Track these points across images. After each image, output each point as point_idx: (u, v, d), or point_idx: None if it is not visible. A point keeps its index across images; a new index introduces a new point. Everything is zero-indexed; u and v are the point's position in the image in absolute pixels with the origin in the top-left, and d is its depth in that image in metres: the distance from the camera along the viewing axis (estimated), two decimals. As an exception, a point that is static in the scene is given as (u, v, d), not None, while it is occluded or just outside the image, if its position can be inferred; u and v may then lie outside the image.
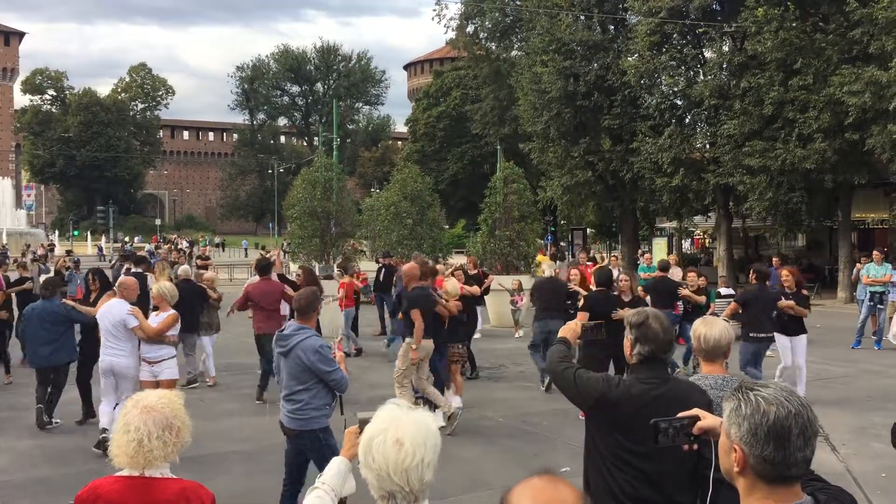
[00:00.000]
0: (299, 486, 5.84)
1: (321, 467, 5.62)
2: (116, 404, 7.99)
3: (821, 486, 2.09)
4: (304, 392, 5.65)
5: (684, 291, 12.22)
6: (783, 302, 10.50)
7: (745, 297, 10.83)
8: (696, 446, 2.60)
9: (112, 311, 8.19)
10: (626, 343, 3.45)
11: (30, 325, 9.13)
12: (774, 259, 20.69)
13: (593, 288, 10.54)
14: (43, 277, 15.08)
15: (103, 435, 7.80)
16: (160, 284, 8.76)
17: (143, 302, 10.16)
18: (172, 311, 8.29)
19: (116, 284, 9.09)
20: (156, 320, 8.22)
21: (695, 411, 2.59)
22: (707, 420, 2.55)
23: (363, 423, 2.27)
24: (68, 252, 58.49)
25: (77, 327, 9.43)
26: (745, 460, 1.92)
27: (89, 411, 9.34)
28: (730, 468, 2.00)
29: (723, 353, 3.71)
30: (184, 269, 12.84)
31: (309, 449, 5.74)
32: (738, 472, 1.96)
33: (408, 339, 9.00)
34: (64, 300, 9.48)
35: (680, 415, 2.58)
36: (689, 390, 3.37)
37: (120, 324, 8.09)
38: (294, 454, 5.86)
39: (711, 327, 3.70)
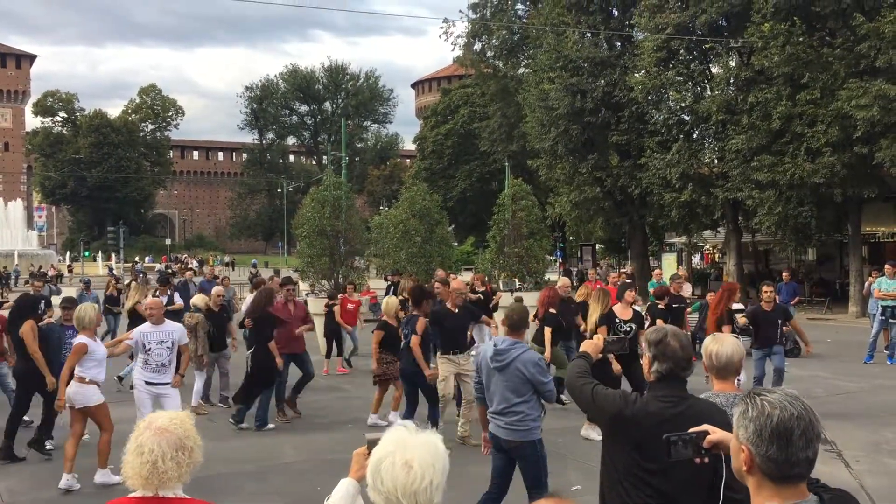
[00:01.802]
0: (502, 497, 5.94)
1: (534, 477, 5.74)
2: None
3: (825, 488, 2.20)
4: (523, 404, 5.77)
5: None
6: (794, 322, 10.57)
7: (755, 312, 10.84)
8: (706, 459, 2.67)
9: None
10: (645, 360, 3.44)
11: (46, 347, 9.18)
12: (784, 273, 20.58)
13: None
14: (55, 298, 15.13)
15: None
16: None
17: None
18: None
19: (144, 307, 9.15)
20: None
21: (705, 426, 2.68)
22: (716, 434, 2.65)
23: (371, 445, 2.27)
24: (69, 268, 58.83)
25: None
26: (752, 460, 2.05)
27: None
28: (739, 468, 2.13)
29: (735, 370, 3.69)
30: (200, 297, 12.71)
31: (526, 459, 5.83)
32: (746, 472, 2.09)
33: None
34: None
35: (691, 430, 2.67)
36: (709, 410, 3.31)
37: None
38: (504, 466, 5.94)
39: (723, 344, 3.68)
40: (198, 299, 11.38)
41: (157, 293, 13.82)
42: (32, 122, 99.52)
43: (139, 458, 2.62)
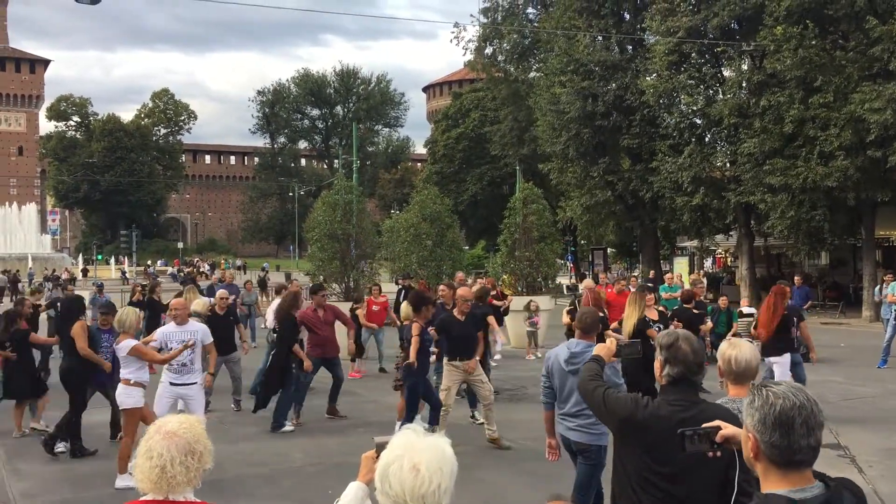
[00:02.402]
0: (602, 497, 5.96)
1: (586, 480, 5.77)
2: None
3: (831, 476, 2.29)
4: None
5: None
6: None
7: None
8: (719, 454, 2.75)
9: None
10: (657, 364, 3.43)
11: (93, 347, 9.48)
12: (797, 278, 20.48)
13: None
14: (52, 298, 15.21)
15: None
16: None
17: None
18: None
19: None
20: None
21: (717, 422, 2.79)
22: (729, 429, 2.76)
23: (380, 448, 2.27)
24: (84, 272, 59.21)
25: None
26: (758, 446, 2.20)
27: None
28: (748, 455, 2.26)
29: (752, 375, 3.67)
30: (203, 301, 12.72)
31: (589, 461, 5.85)
32: (753, 458, 2.23)
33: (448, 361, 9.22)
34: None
35: (704, 425, 2.77)
36: (721, 415, 3.25)
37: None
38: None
39: (740, 349, 3.66)
40: (197, 305, 11.36)
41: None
42: (46, 126, 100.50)
43: (148, 462, 2.63)
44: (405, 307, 10.51)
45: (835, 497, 2.17)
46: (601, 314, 10.24)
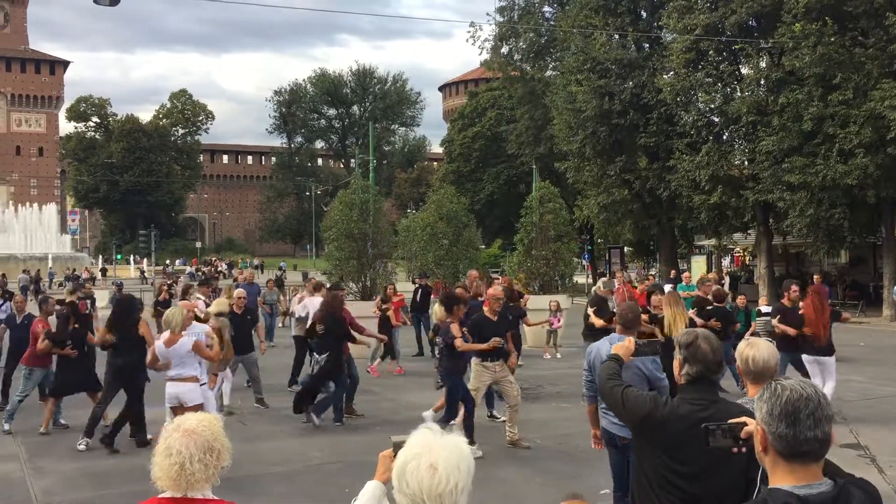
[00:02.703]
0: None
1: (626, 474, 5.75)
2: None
3: (840, 474, 2.33)
4: None
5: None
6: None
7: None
8: (744, 449, 2.74)
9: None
10: (675, 363, 3.43)
11: None
12: (816, 276, 20.33)
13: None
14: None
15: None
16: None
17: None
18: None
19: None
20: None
21: (743, 418, 2.79)
22: (752, 422, 2.74)
23: (397, 447, 2.28)
24: (103, 271, 59.69)
25: None
26: (766, 438, 2.22)
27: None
28: (758, 448, 2.29)
29: (771, 374, 3.66)
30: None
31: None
32: (762, 451, 2.26)
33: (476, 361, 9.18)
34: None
35: (730, 420, 2.78)
36: (740, 413, 3.28)
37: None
38: (620, 462, 5.95)
39: (758, 349, 3.65)
40: (218, 304, 11.44)
41: (198, 295, 14.06)
42: (66, 127, 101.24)
43: (168, 459, 2.66)
44: (438, 308, 10.49)
45: (843, 495, 2.18)
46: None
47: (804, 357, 10.40)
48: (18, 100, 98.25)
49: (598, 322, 11.43)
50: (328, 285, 13.74)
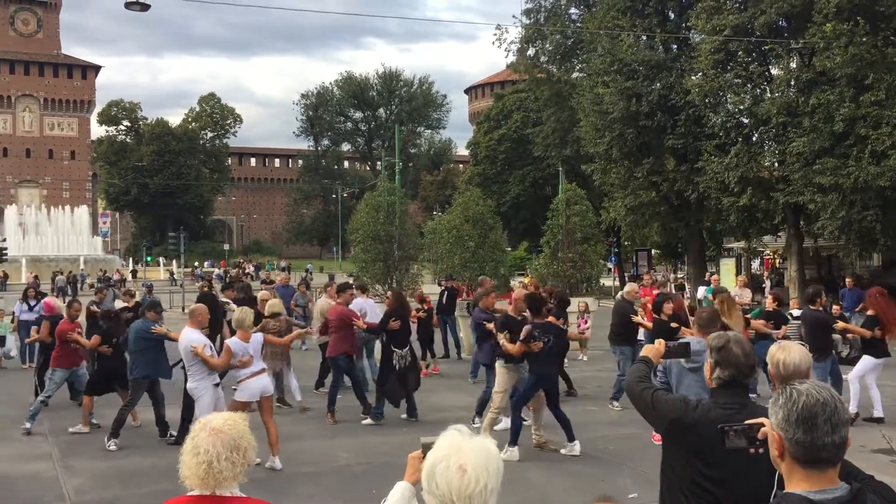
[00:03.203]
0: None
1: None
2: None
3: (857, 477, 2.31)
4: None
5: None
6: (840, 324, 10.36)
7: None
8: (761, 450, 2.69)
9: (182, 339, 8.84)
10: (707, 367, 3.39)
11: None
12: (848, 280, 20.03)
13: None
14: (118, 303, 15.54)
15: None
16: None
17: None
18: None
19: (189, 311, 9.56)
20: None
21: (761, 419, 2.72)
22: (769, 424, 2.66)
23: (426, 448, 2.27)
24: (134, 273, 60.41)
25: None
26: (782, 444, 2.20)
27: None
28: (774, 455, 2.26)
29: (801, 378, 3.60)
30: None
31: None
32: (778, 457, 2.23)
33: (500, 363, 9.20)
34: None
35: (747, 421, 2.74)
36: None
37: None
38: None
39: (790, 352, 3.60)
40: (272, 306, 11.63)
41: (224, 298, 14.18)
42: (97, 131, 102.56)
43: (195, 458, 2.67)
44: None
45: (859, 499, 2.16)
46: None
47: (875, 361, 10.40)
48: (51, 104, 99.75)
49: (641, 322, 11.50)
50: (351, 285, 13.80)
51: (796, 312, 14.17)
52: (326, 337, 11.71)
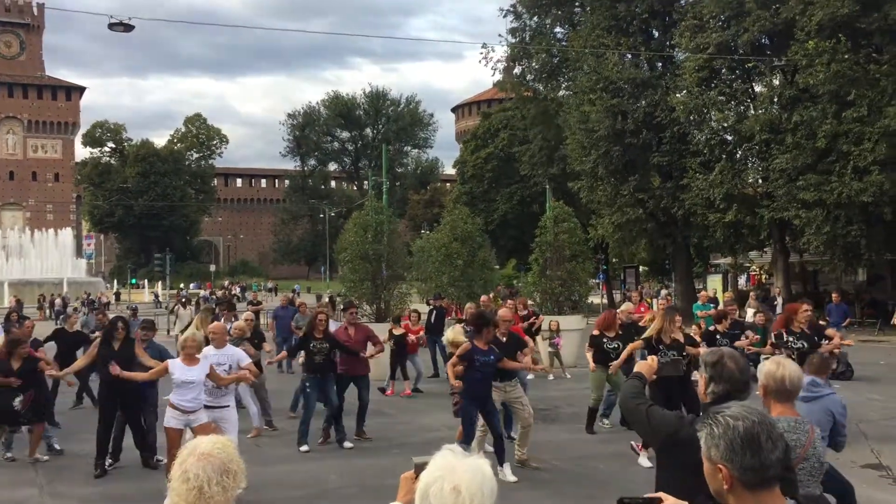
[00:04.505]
0: None
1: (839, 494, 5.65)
2: None
3: (801, 494, 2.36)
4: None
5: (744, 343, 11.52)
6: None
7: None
8: None
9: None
10: (701, 381, 3.38)
11: None
12: (834, 295, 20.13)
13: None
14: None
15: None
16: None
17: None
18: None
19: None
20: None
21: (660, 494, 2.71)
22: (669, 500, 2.69)
23: (419, 469, 2.24)
24: (117, 295, 60.05)
25: None
26: (731, 475, 2.18)
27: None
28: (719, 488, 2.22)
29: (796, 394, 3.60)
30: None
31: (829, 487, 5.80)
32: (728, 490, 2.19)
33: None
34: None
35: (645, 495, 2.69)
36: None
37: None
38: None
39: (784, 367, 3.60)
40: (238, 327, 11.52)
41: (222, 318, 14.00)
42: (82, 152, 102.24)
43: (185, 484, 2.62)
44: (451, 333, 10.44)
45: None
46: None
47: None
48: (35, 126, 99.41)
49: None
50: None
51: (752, 313, 14.13)
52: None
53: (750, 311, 18.41)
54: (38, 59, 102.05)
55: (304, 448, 10.25)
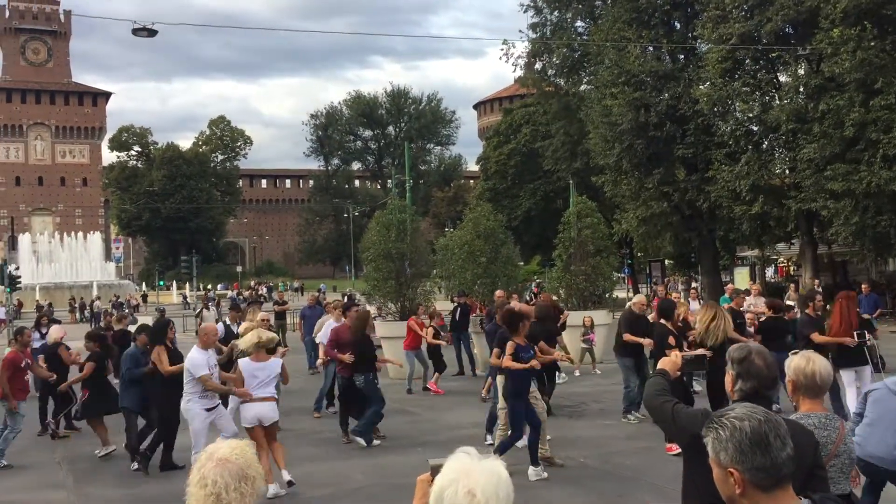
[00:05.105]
0: None
1: None
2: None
3: (816, 493, 2.30)
4: None
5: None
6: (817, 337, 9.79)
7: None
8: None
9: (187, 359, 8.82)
10: (728, 378, 3.33)
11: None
12: (864, 286, 19.82)
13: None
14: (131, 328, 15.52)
15: None
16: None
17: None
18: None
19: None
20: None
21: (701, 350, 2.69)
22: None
23: (435, 470, 2.21)
24: (144, 297, 60.61)
25: None
26: (743, 478, 2.13)
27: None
28: (731, 493, 2.17)
29: (825, 389, 3.54)
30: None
31: None
32: (740, 494, 2.14)
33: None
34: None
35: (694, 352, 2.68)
36: (794, 431, 3.15)
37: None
38: (877, 489, 5.79)
39: (813, 362, 3.53)
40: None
41: (228, 320, 14.06)
42: (108, 157, 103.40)
43: (203, 490, 2.61)
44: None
45: None
46: None
47: (843, 372, 9.84)
48: (63, 132, 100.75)
49: (628, 338, 11.33)
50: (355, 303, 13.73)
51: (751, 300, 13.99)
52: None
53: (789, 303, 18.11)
54: (66, 66, 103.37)
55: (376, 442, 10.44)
